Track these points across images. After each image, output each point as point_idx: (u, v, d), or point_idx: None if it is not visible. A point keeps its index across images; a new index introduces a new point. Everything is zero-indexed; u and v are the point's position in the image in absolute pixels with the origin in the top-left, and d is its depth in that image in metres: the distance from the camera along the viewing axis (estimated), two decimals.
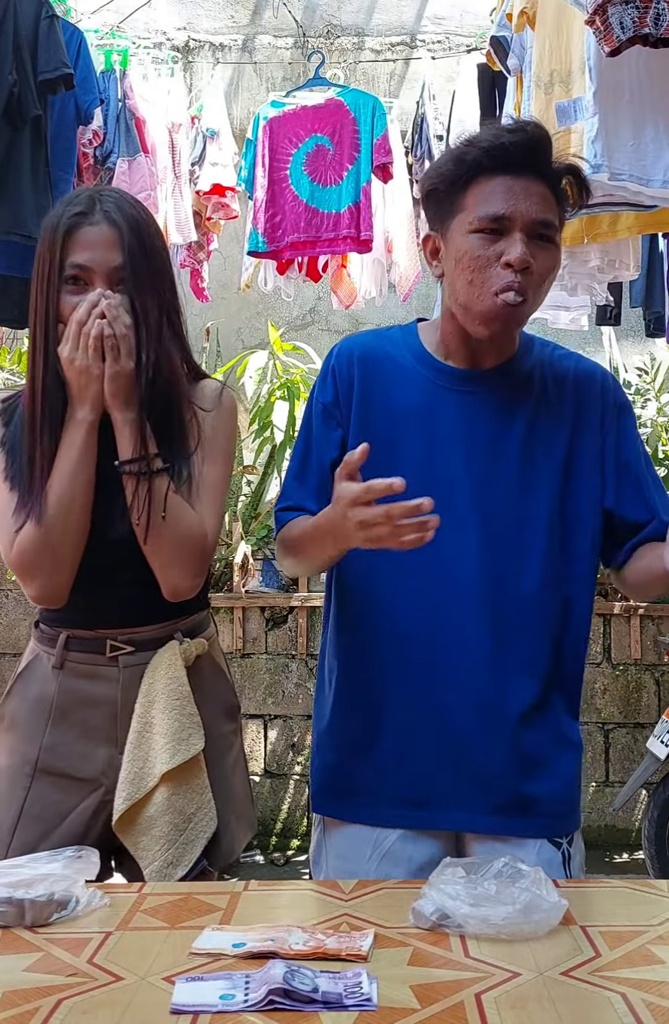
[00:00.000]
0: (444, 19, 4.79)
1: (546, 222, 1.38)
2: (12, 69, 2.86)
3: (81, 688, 1.52)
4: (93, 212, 1.48)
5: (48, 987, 0.97)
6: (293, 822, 4.34)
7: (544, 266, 1.38)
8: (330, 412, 1.49)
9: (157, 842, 1.47)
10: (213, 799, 1.51)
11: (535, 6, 2.68)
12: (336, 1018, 0.90)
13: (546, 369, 1.49)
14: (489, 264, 1.36)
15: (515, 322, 1.40)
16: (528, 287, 1.36)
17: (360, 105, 3.81)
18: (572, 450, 1.45)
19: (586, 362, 1.55)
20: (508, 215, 1.36)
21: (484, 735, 1.41)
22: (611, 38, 1.86)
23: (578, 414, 1.47)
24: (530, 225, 1.36)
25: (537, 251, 1.37)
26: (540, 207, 1.37)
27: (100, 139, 3.68)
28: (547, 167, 1.39)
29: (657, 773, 3.71)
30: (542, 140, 1.39)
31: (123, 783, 1.47)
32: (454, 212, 1.40)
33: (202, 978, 0.97)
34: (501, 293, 1.35)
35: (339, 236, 3.80)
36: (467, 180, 1.38)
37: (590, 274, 3.20)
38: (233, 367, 4.49)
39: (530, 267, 1.35)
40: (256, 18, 4.89)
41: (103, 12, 4.36)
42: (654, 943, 1.05)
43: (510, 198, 1.36)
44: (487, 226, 1.36)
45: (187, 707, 1.51)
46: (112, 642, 1.52)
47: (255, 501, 4.53)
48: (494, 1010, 0.91)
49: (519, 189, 1.36)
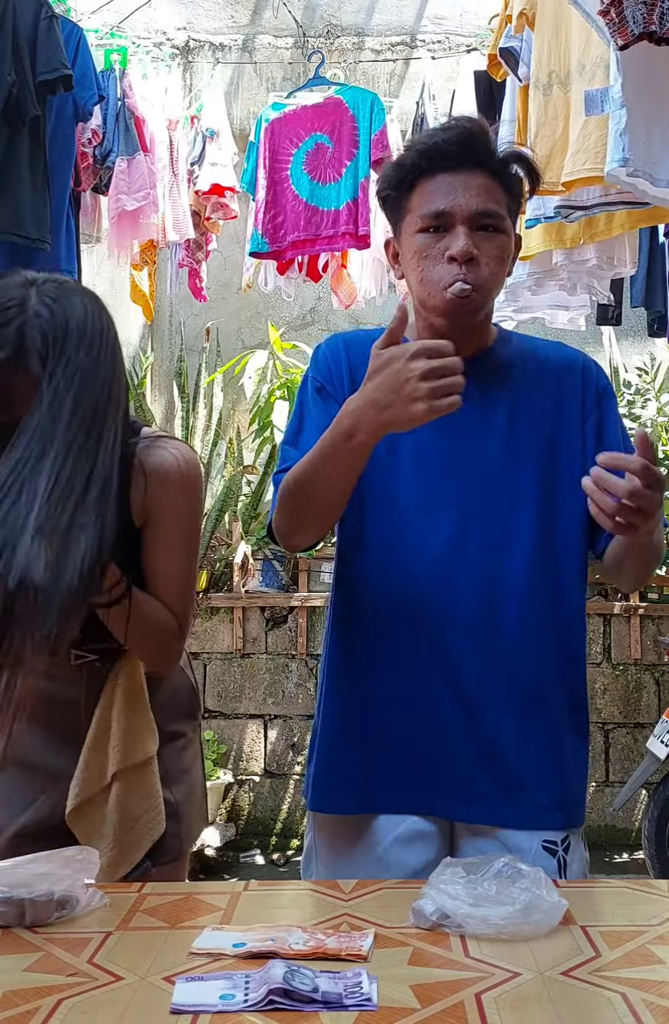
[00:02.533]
0: (444, 19, 4.79)
1: (488, 212, 1.40)
2: (11, 69, 2.86)
3: (45, 688, 1.52)
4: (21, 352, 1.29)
5: (48, 987, 0.97)
6: (293, 822, 4.34)
7: (492, 255, 1.41)
8: (325, 390, 1.50)
9: (104, 839, 1.49)
10: (169, 790, 1.54)
11: (534, 7, 2.69)
12: (336, 1018, 0.90)
13: (526, 357, 1.52)
14: (436, 260, 1.40)
15: (470, 312, 1.42)
16: (477, 277, 1.39)
17: (359, 102, 3.82)
18: (555, 433, 1.47)
19: (566, 349, 1.58)
20: (447, 210, 1.39)
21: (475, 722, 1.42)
22: (625, 32, 1.85)
23: (559, 399, 1.50)
24: (471, 217, 1.39)
25: (482, 241, 1.40)
26: (480, 198, 1.40)
27: (99, 138, 3.68)
28: (486, 157, 1.42)
29: (657, 773, 3.71)
30: (476, 133, 1.42)
31: (75, 780, 1.50)
32: (403, 215, 1.45)
33: (202, 978, 0.97)
34: (449, 287, 1.38)
35: (338, 233, 3.80)
36: (410, 183, 1.43)
37: (589, 272, 3.20)
38: (233, 367, 4.49)
39: (475, 258, 1.38)
40: (256, 18, 4.89)
41: (103, 12, 4.36)
42: (654, 943, 1.05)
43: (449, 193, 1.40)
44: (430, 223, 1.41)
45: (144, 711, 1.53)
46: (76, 651, 1.53)
47: (255, 501, 4.53)
48: (494, 1010, 0.91)
49: (458, 184, 1.40)
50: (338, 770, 1.49)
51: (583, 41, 2.49)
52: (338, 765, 1.49)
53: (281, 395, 4.38)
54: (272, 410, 4.36)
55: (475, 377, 1.45)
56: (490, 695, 1.42)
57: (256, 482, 4.59)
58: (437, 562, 1.44)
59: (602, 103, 2.07)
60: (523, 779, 1.42)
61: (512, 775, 1.42)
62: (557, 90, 2.66)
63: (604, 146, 2.44)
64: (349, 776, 1.47)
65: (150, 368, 4.86)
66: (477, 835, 1.43)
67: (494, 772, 1.41)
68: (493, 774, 1.41)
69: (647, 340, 4.45)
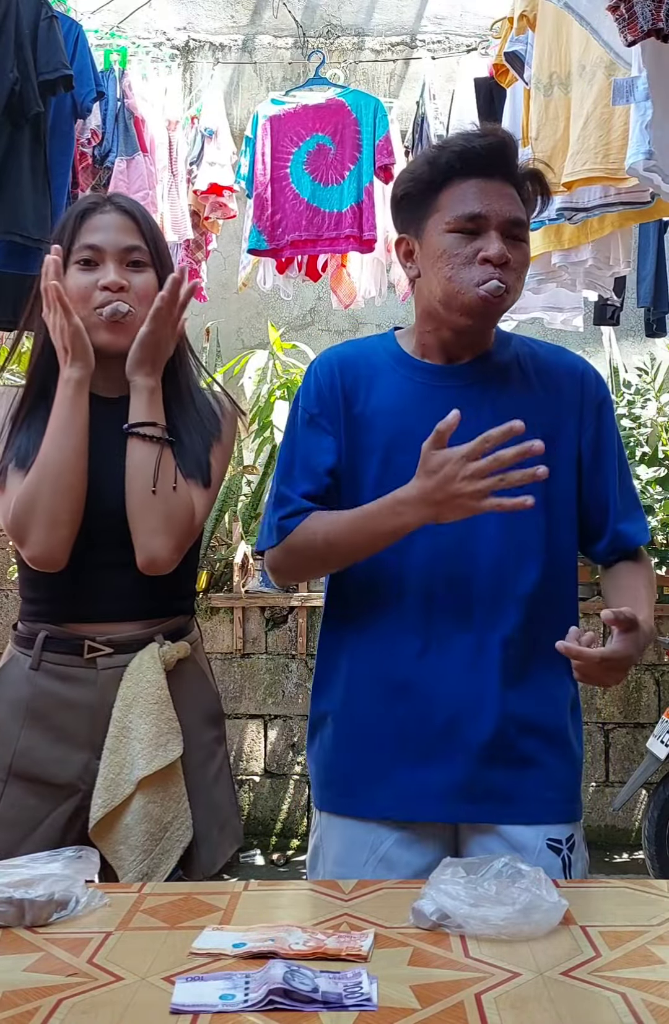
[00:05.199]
0: (444, 19, 4.79)
1: (518, 221, 1.44)
2: (13, 66, 2.85)
3: (57, 691, 1.50)
4: (105, 204, 1.56)
5: (48, 987, 0.97)
6: (293, 822, 4.34)
7: (518, 261, 1.44)
8: (316, 421, 1.50)
9: (133, 851, 1.45)
10: (190, 808, 1.49)
11: (535, 9, 2.69)
12: (336, 1018, 0.90)
13: (525, 360, 1.53)
14: (468, 261, 1.41)
15: (498, 311, 1.45)
16: (508, 279, 1.42)
17: (361, 106, 3.82)
18: (552, 440, 1.46)
19: (567, 356, 1.59)
20: (484, 214, 1.42)
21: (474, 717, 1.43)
22: (635, 28, 1.84)
23: (558, 404, 1.51)
24: (504, 224, 1.42)
25: (511, 248, 1.43)
26: (512, 207, 1.44)
27: (98, 138, 3.68)
28: (514, 170, 1.47)
29: (657, 773, 3.71)
30: (510, 145, 1.47)
31: (99, 789, 1.45)
32: (429, 213, 1.45)
33: (202, 978, 0.97)
34: (482, 285, 1.40)
35: (341, 235, 3.80)
36: (441, 182, 1.44)
37: (587, 272, 3.20)
38: (233, 367, 4.49)
39: (508, 261, 1.42)
40: (256, 18, 4.89)
41: (103, 12, 4.36)
42: (654, 943, 1.05)
43: (484, 198, 1.42)
44: (464, 226, 1.42)
45: (165, 712, 1.48)
46: (90, 643, 1.50)
47: (255, 501, 4.53)
48: (494, 1010, 0.91)
49: (491, 190, 1.43)
50: (339, 773, 1.49)
51: (583, 42, 2.49)
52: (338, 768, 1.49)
53: (281, 395, 4.38)
54: (272, 410, 4.36)
55: (474, 381, 1.49)
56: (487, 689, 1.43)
57: (256, 482, 4.59)
58: (436, 563, 1.44)
59: (629, 93, 2.06)
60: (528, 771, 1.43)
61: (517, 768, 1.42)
62: (558, 91, 2.66)
63: (605, 146, 2.45)
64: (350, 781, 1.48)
65: None
66: (482, 832, 1.43)
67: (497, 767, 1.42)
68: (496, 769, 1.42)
69: (647, 340, 4.45)
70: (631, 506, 1.57)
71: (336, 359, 1.54)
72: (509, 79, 3.03)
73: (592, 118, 2.48)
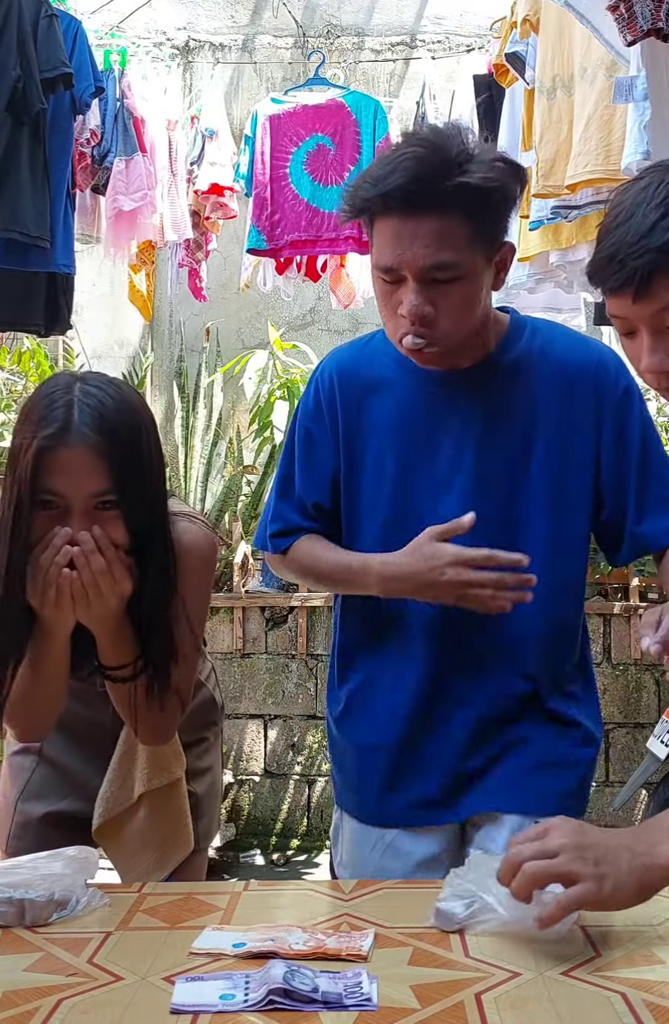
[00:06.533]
0: (444, 19, 4.79)
1: (440, 264, 1.28)
2: (16, 64, 2.86)
3: (76, 709, 1.54)
4: (69, 430, 1.28)
5: (48, 987, 0.97)
6: (293, 822, 4.34)
7: (451, 304, 1.30)
8: (312, 435, 1.49)
9: (131, 858, 1.53)
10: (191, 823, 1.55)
11: (538, 13, 2.70)
12: (336, 1018, 0.90)
13: (535, 359, 1.43)
14: (393, 312, 1.34)
15: (429, 360, 1.37)
16: (433, 332, 1.32)
17: (361, 107, 3.81)
18: (564, 444, 1.42)
19: (581, 349, 1.46)
20: (395, 267, 1.29)
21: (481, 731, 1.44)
22: (634, 27, 1.84)
23: (569, 407, 1.42)
24: (421, 272, 1.28)
25: (438, 295, 1.29)
26: (431, 249, 1.26)
27: (97, 139, 3.67)
28: (441, 198, 1.25)
29: (657, 773, 3.71)
30: (429, 170, 1.25)
31: (100, 800, 1.53)
32: (370, 246, 1.36)
33: (202, 978, 0.97)
34: (403, 339, 1.34)
35: (340, 236, 3.80)
36: (368, 219, 1.33)
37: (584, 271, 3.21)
38: (233, 367, 4.49)
39: (427, 315, 1.30)
40: (256, 18, 4.89)
41: (103, 12, 4.36)
42: (654, 943, 1.05)
43: (397, 246, 1.28)
44: (384, 276, 1.32)
45: None
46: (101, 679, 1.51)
47: (255, 501, 4.53)
48: (494, 1010, 0.91)
49: (407, 234, 1.27)
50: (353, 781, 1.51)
51: (585, 44, 2.49)
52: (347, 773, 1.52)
53: (281, 395, 4.38)
54: (272, 410, 4.36)
55: (477, 387, 1.42)
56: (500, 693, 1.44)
57: (256, 482, 4.58)
58: None
59: (628, 92, 2.06)
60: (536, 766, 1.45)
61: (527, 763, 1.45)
62: (561, 94, 2.66)
63: (606, 147, 2.45)
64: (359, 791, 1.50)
65: (150, 368, 4.86)
66: (487, 822, 1.45)
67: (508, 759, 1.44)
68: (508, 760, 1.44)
69: None
70: (657, 502, 1.43)
71: (337, 371, 1.49)
72: (509, 79, 3.03)
73: (593, 120, 2.49)
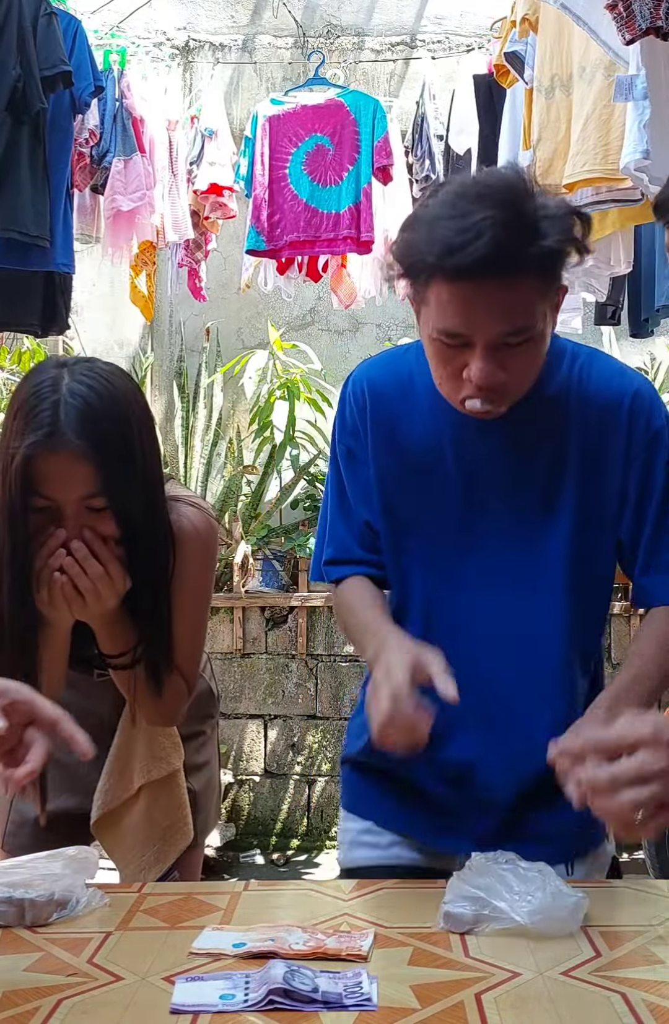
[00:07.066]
0: (444, 19, 4.79)
1: (514, 331, 1.21)
2: (17, 63, 2.86)
3: (73, 700, 1.51)
4: (55, 434, 1.27)
5: (48, 987, 0.97)
6: (293, 822, 4.34)
7: (521, 365, 1.25)
8: (353, 453, 1.44)
9: (130, 851, 1.53)
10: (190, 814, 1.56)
11: (536, 12, 2.70)
12: (336, 1018, 0.90)
13: (571, 393, 1.37)
14: (454, 375, 1.26)
15: (489, 418, 1.31)
16: (501, 397, 1.26)
17: (361, 107, 3.81)
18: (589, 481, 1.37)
19: (618, 383, 1.39)
20: (464, 333, 1.21)
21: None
22: (633, 26, 1.84)
23: (601, 446, 1.37)
24: (493, 340, 1.21)
25: (508, 357, 1.23)
26: (505, 318, 1.20)
27: (96, 139, 3.67)
28: (520, 264, 1.17)
29: None
30: (507, 242, 1.15)
31: (99, 792, 1.52)
32: (422, 300, 1.26)
33: (202, 978, 0.97)
34: (467, 401, 1.26)
35: (339, 236, 3.80)
36: (426, 280, 1.22)
37: (587, 272, 3.21)
38: (233, 367, 4.49)
39: (499, 382, 1.24)
40: (256, 18, 4.88)
41: (103, 12, 4.36)
42: (654, 943, 1.05)
43: (468, 312, 1.19)
44: (446, 340, 1.23)
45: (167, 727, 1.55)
46: (98, 670, 1.54)
47: (255, 501, 4.53)
48: (494, 1010, 0.91)
49: (480, 302, 1.18)
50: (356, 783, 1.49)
51: (584, 44, 2.49)
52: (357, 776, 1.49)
53: (281, 395, 4.38)
54: (272, 410, 4.36)
55: (513, 422, 1.34)
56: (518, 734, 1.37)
57: (256, 482, 4.58)
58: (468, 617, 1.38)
59: (628, 91, 2.06)
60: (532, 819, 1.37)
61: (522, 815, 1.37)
62: (559, 93, 2.67)
63: (604, 147, 2.46)
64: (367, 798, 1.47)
65: (150, 368, 4.86)
66: None
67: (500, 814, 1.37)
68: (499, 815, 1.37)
69: (647, 340, 4.44)
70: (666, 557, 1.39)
71: (369, 389, 1.42)
72: (510, 80, 3.03)
73: (591, 119, 2.49)
